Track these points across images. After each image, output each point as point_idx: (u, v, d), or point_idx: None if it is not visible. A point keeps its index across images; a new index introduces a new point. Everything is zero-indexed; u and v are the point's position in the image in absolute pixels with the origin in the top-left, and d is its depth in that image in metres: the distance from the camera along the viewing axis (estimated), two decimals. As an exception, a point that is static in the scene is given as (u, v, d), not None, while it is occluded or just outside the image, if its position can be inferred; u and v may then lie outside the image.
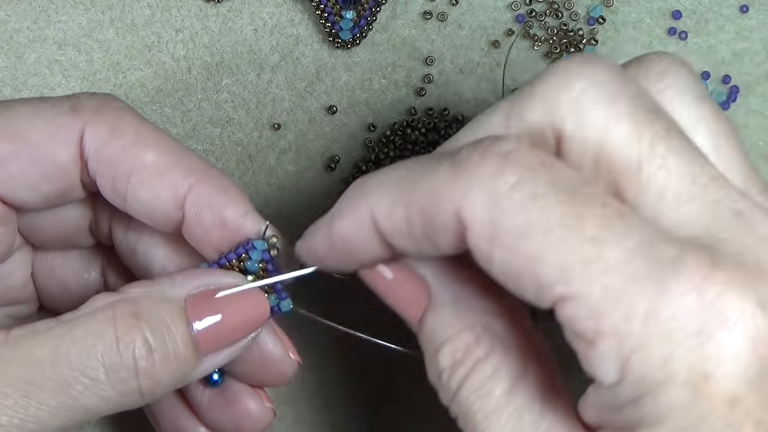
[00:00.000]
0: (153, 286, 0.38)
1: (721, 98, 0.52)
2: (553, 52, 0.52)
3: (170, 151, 0.40)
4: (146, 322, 0.36)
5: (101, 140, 0.39)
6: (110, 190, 0.40)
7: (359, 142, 0.52)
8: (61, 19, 0.51)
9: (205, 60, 0.52)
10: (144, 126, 0.40)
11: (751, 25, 0.52)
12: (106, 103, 0.40)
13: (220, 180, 0.40)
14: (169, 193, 0.39)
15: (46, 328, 0.36)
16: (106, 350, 0.35)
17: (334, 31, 0.51)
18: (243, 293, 0.39)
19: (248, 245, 0.40)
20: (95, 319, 0.36)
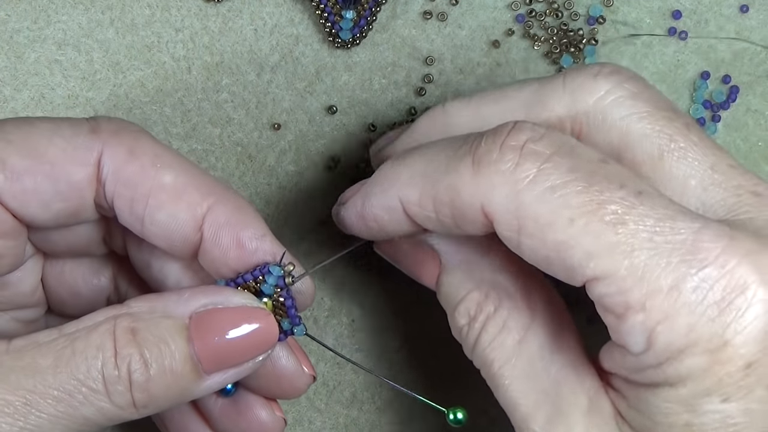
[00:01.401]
0: (158, 302, 0.38)
1: (721, 98, 0.52)
2: (553, 52, 0.52)
3: (188, 172, 0.40)
4: (144, 337, 0.37)
5: (119, 162, 0.39)
6: (128, 213, 0.40)
7: (359, 142, 0.52)
8: (61, 19, 0.51)
9: (205, 60, 0.52)
10: (161, 148, 0.40)
11: (752, 25, 0.52)
12: (124, 127, 0.40)
13: (237, 201, 0.40)
14: (188, 214, 0.39)
15: (49, 339, 0.36)
16: (105, 363, 0.36)
17: (334, 31, 0.51)
18: (254, 316, 0.38)
19: (264, 269, 0.39)
20: (97, 332, 0.36)
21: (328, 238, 0.52)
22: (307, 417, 0.52)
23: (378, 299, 0.52)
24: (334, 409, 0.52)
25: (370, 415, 0.52)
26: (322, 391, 0.52)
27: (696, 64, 0.53)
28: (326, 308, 0.52)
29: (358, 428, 0.52)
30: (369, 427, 0.52)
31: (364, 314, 0.52)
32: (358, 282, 0.52)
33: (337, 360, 0.52)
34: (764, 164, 0.53)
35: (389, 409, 0.52)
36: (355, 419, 0.52)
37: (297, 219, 0.52)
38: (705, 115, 0.52)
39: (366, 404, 0.52)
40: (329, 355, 0.52)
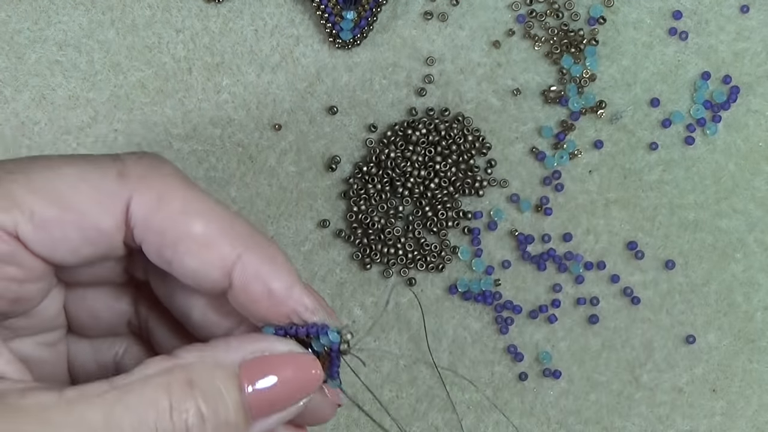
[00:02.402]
0: (207, 351, 0.37)
1: (721, 98, 0.52)
2: (553, 53, 0.52)
3: (218, 219, 0.39)
4: (200, 390, 0.36)
5: (148, 209, 0.38)
6: (156, 257, 0.39)
7: (360, 143, 0.52)
8: (61, 20, 0.51)
9: (206, 60, 0.52)
10: (192, 193, 0.39)
11: (752, 25, 0.52)
12: (153, 168, 0.39)
13: (268, 250, 0.40)
14: (217, 263, 0.39)
15: (100, 392, 0.35)
16: (159, 418, 0.35)
17: (334, 32, 0.51)
18: (299, 359, 0.38)
19: (322, 330, 0.39)
20: (149, 385, 0.36)
21: (329, 239, 0.52)
22: (308, 418, 0.52)
23: (378, 299, 0.52)
24: (335, 409, 0.52)
25: (371, 415, 0.52)
26: (322, 391, 0.52)
27: (696, 65, 0.52)
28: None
29: (359, 428, 0.52)
30: (370, 427, 0.52)
31: (364, 314, 0.52)
32: (358, 282, 0.52)
33: (338, 360, 0.52)
34: (764, 164, 0.53)
35: (389, 409, 0.52)
36: (356, 419, 0.52)
37: (298, 219, 0.52)
38: (705, 116, 0.52)
39: (367, 405, 0.52)
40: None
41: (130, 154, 0.40)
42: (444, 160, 0.52)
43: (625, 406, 0.52)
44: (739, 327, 0.52)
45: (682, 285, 0.52)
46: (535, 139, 0.52)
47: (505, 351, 0.52)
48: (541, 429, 0.52)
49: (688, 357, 0.52)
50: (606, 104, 0.52)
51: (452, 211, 0.52)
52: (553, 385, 0.52)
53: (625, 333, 0.52)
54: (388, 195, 0.52)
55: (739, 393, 0.52)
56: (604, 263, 0.52)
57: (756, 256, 0.53)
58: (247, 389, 0.37)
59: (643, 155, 0.52)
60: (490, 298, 0.52)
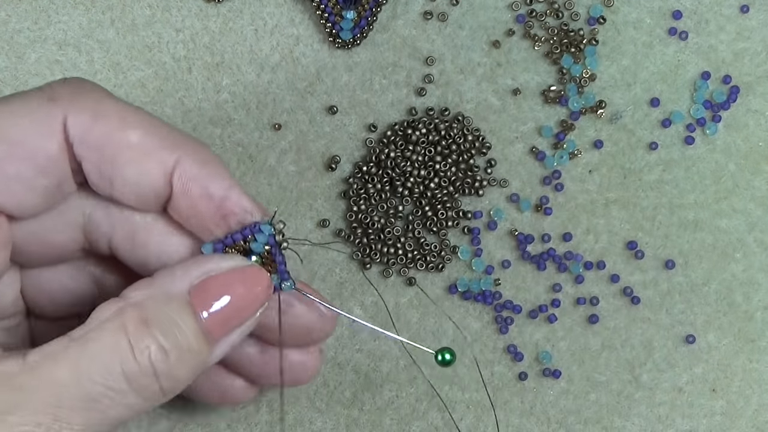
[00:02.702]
0: (155, 286, 0.38)
1: (721, 98, 0.52)
2: (553, 52, 0.52)
3: (154, 129, 0.40)
4: (156, 325, 0.36)
5: (84, 127, 0.39)
6: (97, 176, 0.40)
7: (360, 142, 0.52)
8: (61, 20, 0.51)
9: (206, 60, 0.52)
10: (124, 107, 0.40)
11: (752, 25, 0.52)
12: (81, 88, 0.40)
13: (203, 153, 0.40)
14: (158, 169, 0.39)
15: (61, 348, 0.36)
16: (123, 360, 0.36)
17: (334, 31, 0.51)
18: (245, 273, 0.39)
19: (255, 228, 0.40)
20: (107, 331, 0.36)
21: (329, 239, 0.52)
22: (308, 417, 0.52)
23: (378, 299, 0.52)
24: (335, 409, 0.52)
25: (371, 415, 0.52)
26: (322, 391, 0.52)
27: (696, 64, 0.53)
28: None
29: (359, 428, 0.52)
30: (370, 427, 0.52)
31: (364, 314, 0.52)
32: (358, 282, 0.52)
33: (338, 360, 0.52)
34: (764, 164, 0.53)
35: (390, 409, 0.52)
36: (356, 419, 0.52)
37: (298, 219, 0.52)
38: (705, 116, 0.52)
39: (367, 404, 0.52)
40: (329, 355, 0.52)
41: (56, 80, 0.40)
42: (444, 159, 0.52)
43: (625, 406, 0.52)
44: (739, 327, 0.52)
45: (682, 285, 0.52)
46: (535, 138, 0.52)
47: (505, 351, 0.52)
48: (541, 429, 0.52)
49: (687, 357, 0.52)
50: (606, 104, 0.52)
51: (452, 211, 0.52)
52: (553, 384, 0.52)
53: (625, 333, 0.52)
54: (388, 195, 0.52)
55: (739, 393, 0.52)
56: (604, 263, 0.52)
57: (756, 256, 0.53)
58: (202, 314, 0.38)
59: (643, 155, 0.53)
60: (490, 298, 0.52)
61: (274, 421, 0.52)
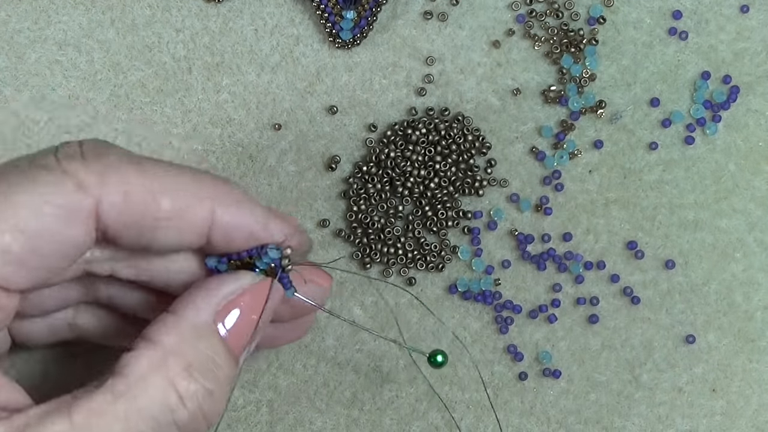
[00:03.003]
0: (182, 324, 0.38)
1: (721, 98, 0.52)
2: (553, 52, 0.52)
3: (184, 188, 0.39)
4: (199, 371, 0.37)
5: (117, 209, 0.38)
6: (130, 244, 0.40)
7: (360, 142, 0.52)
8: (61, 20, 0.51)
9: (206, 60, 0.52)
10: (150, 173, 0.39)
11: (752, 25, 0.52)
12: (105, 165, 0.38)
13: (234, 195, 0.40)
14: (194, 228, 0.39)
15: (106, 404, 0.36)
16: (175, 413, 0.36)
17: (334, 31, 0.51)
18: (261, 289, 0.40)
19: (263, 250, 0.40)
20: (152, 386, 0.36)
21: (329, 239, 0.52)
22: (308, 417, 0.52)
23: (378, 299, 0.52)
24: (335, 409, 0.52)
25: (371, 415, 0.52)
26: (322, 391, 0.52)
27: (696, 64, 0.52)
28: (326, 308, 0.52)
29: (359, 428, 0.52)
30: (370, 427, 0.52)
31: (364, 314, 0.52)
32: (358, 282, 0.52)
33: (338, 360, 0.52)
34: (764, 164, 0.53)
35: (390, 409, 0.52)
36: (356, 419, 0.52)
37: (298, 219, 0.52)
38: (705, 116, 0.52)
39: (367, 404, 0.52)
40: (329, 355, 0.52)
41: (71, 155, 0.38)
42: (444, 159, 0.52)
43: (625, 406, 0.52)
44: (739, 327, 0.52)
45: (682, 285, 0.52)
46: (535, 138, 0.52)
47: (505, 351, 0.52)
48: (541, 429, 0.52)
49: (687, 357, 0.52)
50: (606, 104, 0.52)
51: (452, 211, 0.52)
52: (553, 384, 0.52)
53: (625, 333, 0.52)
54: (388, 195, 0.52)
55: (739, 393, 0.52)
56: (604, 263, 0.52)
57: (756, 256, 0.53)
58: (226, 338, 0.38)
59: (643, 155, 0.53)
60: (490, 298, 0.52)
61: (274, 421, 0.52)
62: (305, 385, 0.52)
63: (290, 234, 0.41)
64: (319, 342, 0.52)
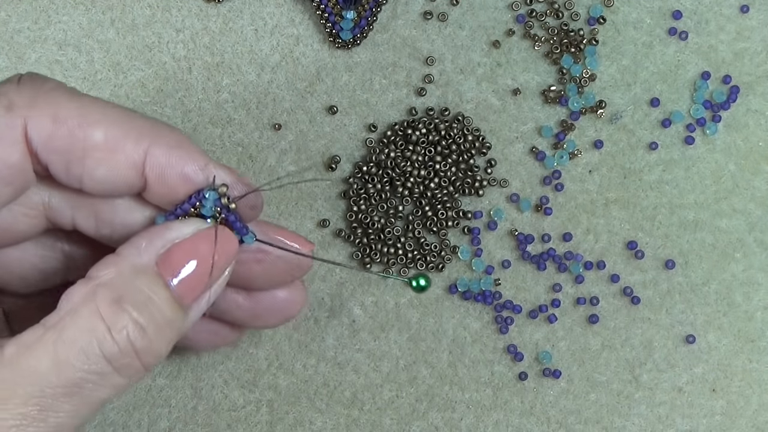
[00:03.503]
0: (122, 262, 0.38)
1: (721, 98, 0.52)
2: (553, 53, 0.52)
3: (118, 122, 0.39)
4: (129, 302, 0.36)
5: (46, 131, 0.38)
6: (65, 176, 0.39)
7: (359, 142, 0.52)
8: (61, 20, 0.51)
9: (206, 60, 0.52)
10: (84, 104, 0.39)
11: (752, 25, 0.52)
12: (38, 90, 0.39)
13: (172, 137, 0.40)
14: (127, 163, 0.39)
15: (36, 337, 0.36)
16: (102, 343, 0.36)
17: (334, 31, 0.51)
18: (211, 236, 0.39)
19: (200, 195, 0.40)
20: (81, 316, 0.36)
21: (329, 239, 0.52)
22: (308, 417, 0.52)
23: (378, 299, 0.52)
24: (335, 409, 0.52)
25: (371, 415, 0.52)
26: (322, 391, 0.52)
27: (696, 64, 0.53)
28: (326, 308, 0.52)
29: (359, 428, 0.52)
30: (370, 427, 0.52)
31: (364, 314, 0.52)
32: (358, 282, 0.52)
33: (338, 360, 0.52)
34: (764, 164, 0.53)
35: (390, 409, 0.52)
36: (356, 419, 0.52)
37: (297, 219, 0.52)
38: (705, 116, 0.52)
39: (367, 404, 0.52)
40: (329, 355, 0.52)
41: (7, 82, 0.39)
42: (444, 159, 0.52)
43: (625, 406, 0.52)
44: (739, 327, 0.52)
45: (682, 285, 0.52)
46: (535, 138, 0.52)
47: (505, 351, 0.52)
48: (541, 429, 0.52)
49: (688, 357, 0.52)
50: (606, 104, 0.52)
51: (452, 211, 0.52)
52: (553, 384, 0.52)
53: (625, 333, 0.52)
54: (388, 195, 0.52)
55: (739, 393, 0.52)
56: (604, 263, 0.52)
57: (756, 256, 0.53)
58: (171, 282, 0.38)
59: (643, 155, 0.53)
60: (490, 298, 0.52)
61: (274, 421, 0.52)
62: (305, 385, 0.52)
63: (232, 182, 0.40)
64: (319, 342, 0.52)
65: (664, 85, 0.52)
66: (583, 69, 0.52)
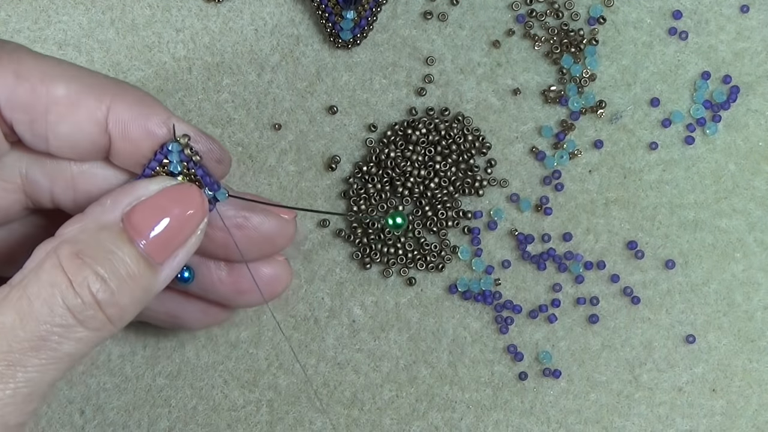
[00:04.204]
0: (86, 219, 0.38)
1: (721, 98, 0.52)
2: (553, 52, 0.52)
3: (80, 79, 0.39)
4: (90, 256, 0.37)
5: (8, 88, 0.38)
6: (30, 135, 0.40)
7: (359, 142, 0.52)
8: (61, 20, 0.51)
9: (206, 60, 0.52)
10: (47, 62, 0.39)
11: (752, 25, 0.52)
12: (0, 49, 0.39)
13: (135, 94, 0.40)
14: (90, 119, 0.39)
15: (2, 296, 0.36)
16: (64, 295, 0.36)
17: (334, 31, 0.51)
18: (175, 191, 0.39)
19: (164, 150, 0.40)
20: (43, 270, 0.36)
21: (329, 239, 0.52)
22: (308, 417, 0.52)
23: (378, 299, 0.52)
24: (335, 409, 0.52)
25: (371, 415, 0.52)
26: (322, 391, 0.52)
27: (696, 64, 0.53)
28: (326, 308, 0.52)
29: (359, 428, 0.52)
30: (370, 427, 0.52)
31: (364, 314, 0.52)
32: (358, 282, 0.52)
33: (338, 360, 0.52)
34: (764, 164, 0.53)
35: (390, 409, 0.52)
36: (356, 419, 0.52)
37: (298, 219, 0.52)
38: (705, 116, 0.52)
39: (366, 404, 0.52)
40: (329, 355, 0.52)
41: None
42: (444, 159, 0.52)
43: (625, 406, 0.52)
44: (739, 327, 0.52)
45: (682, 285, 0.52)
46: (535, 138, 0.52)
47: (505, 351, 0.52)
48: (541, 429, 0.52)
49: (688, 357, 0.52)
50: (606, 104, 0.52)
51: (452, 211, 0.52)
52: (553, 384, 0.52)
53: (625, 333, 0.52)
54: (388, 195, 0.52)
55: (739, 393, 0.52)
56: (604, 263, 0.52)
57: (756, 256, 0.53)
58: (140, 241, 0.38)
59: (643, 155, 0.53)
60: (490, 298, 0.52)
61: (274, 421, 0.52)
62: (305, 385, 0.52)
63: (195, 134, 0.40)
64: (319, 342, 0.52)
65: (664, 85, 0.52)
66: (583, 69, 0.52)
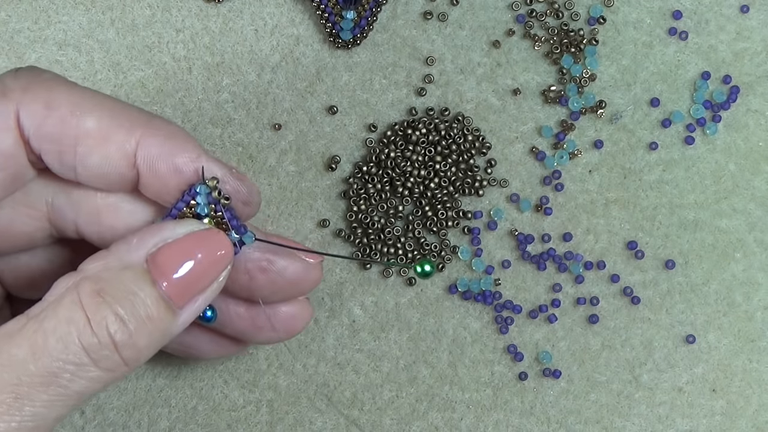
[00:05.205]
0: (110, 257, 0.38)
1: (721, 98, 0.52)
2: (553, 53, 0.52)
3: (110, 111, 0.39)
4: (111, 295, 0.36)
5: (38, 118, 0.38)
6: (58, 165, 0.39)
7: (359, 142, 0.52)
8: (61, 20, 0.51)
9: (206, 60, 0.52)
10: (78, 93, 0.39)
11: (752, 25, 0.53)
12: (34, 79, 0.39)
13: (166, 129, 0.40)
14: (119, 153, 0.39)
15: (18, 327, 0.36)
16: (81, 334, 0.36)
17: (334, 32, 0.51)
18: (202, 236, 0.39)
19: (192, 191, 0.40)
20: (62, 305, 0.36)
21: (329, 239, 0.52)
22: (308, 417, 0.52)
23: (378, 299, 0.52)
24: (335, 410, 0.52)
25: (371, 415, 0.52)
26: (322, 391, 0.52)
27: (696, 64, 0.53)
28: (326, 308, 0.52)
29: (359, 428, 0.52)
30: (370, 427, 0.52)
31: (364, 314, 0.52)
32: (358, 282, 0.52)
33: (338, 360, 0.52)
34: (764, 164, 0.53)
35: (390, 409, 0.52)
36: (356, 419, 0.52)
37: (297, 219, 0.52)
38: (705, 116, 0.52)
39: (366, 404, 0.52)
40: (329, 355, 0.52)
41: (7, 72, 0.39)
42: (444, 159, 0.52)
43: (625, 406, 0.52)
44: (739, 327, 0.53)
45: (682, 285, 0.52)
46: (535, 138, 0.52)
47: (505, 351, 0.52)
48: (541, 429, 0.52)
49: (688, 357, 0.52)
50: (606, 104, 0.52)
51: (452, 211, 0.52)
52: (553, 384, 0.52)
53: (625, 333, 0.52)
54: (388, 195, 0.52)
55: (739, 393, 0.52)
56: (604, 263, 0.52)
57: (756, 256, 0.53)
58: (162, 283, 0.37)
59: (643, 155, 0.53)
60: (490, 298, 0.52)
61: (274, 421, 0.52)
62: (305, 385, 0.52)
63: (223, 175, 0.40)
64: (319, 342, 0.52)
65: (664, 85, 0.52)
66: (583, 69, 0.52)
